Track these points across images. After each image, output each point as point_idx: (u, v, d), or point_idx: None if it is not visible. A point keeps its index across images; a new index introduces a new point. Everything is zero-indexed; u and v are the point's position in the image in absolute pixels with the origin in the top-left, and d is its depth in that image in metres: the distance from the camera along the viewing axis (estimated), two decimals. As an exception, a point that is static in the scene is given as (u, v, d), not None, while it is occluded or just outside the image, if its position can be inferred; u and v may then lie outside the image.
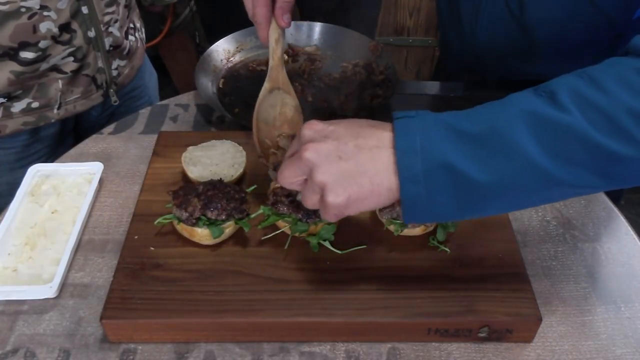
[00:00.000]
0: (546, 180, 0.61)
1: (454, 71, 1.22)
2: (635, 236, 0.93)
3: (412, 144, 0.62)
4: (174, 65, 2.59)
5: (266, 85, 0.88)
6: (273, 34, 0.85)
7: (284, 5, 0.83)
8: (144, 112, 1.19)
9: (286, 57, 1.30)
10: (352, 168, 0.64)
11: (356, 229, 0.88)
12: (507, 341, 0.78)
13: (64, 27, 1.08)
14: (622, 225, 0.95)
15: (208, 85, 1.21)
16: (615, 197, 1.00)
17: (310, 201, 0.67)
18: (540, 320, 0.76)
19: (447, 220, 0.66)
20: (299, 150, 0.66)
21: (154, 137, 1.06)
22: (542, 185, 0.62)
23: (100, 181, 1.00)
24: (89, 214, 0.95)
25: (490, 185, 0.61)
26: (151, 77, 1.46)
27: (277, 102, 0.87)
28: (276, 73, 0.87)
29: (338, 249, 0.84)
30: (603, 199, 0.98)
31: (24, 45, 1.04)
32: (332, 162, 0.64)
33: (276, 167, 0.83)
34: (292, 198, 0.84)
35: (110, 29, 1.17)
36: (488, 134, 0.61)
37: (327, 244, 0.85)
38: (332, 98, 1.17)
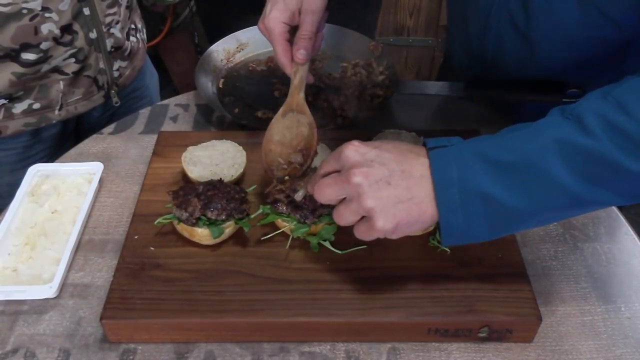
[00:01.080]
0: (575, 201, 0.65)
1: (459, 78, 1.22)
2: (635, 236, 0.93)
3: (448, 175, 0.65)
4: (174, 65, 2.59)
5: (280, 110, 0.90)
6: (293, 66, 0.89)
7: (299, 42, 0.86)
8: (144, 112, 1.19)
9: None
10: (401, 195, 0.66)
11: (356, 229, 0.88)
12: (507, 341, 0.78)
13: (66, 29, 1.08)
14: (622, 225, 0.95)
15: (208, 85, 1.21)
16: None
17: (346, 220, 0.70)
18: (540, 320, 0.76)
19: (481, 241, 0.70)
20: (344, 172, 0.68)
21: (154, 137, 1.06)
22: (570, 206, 0.66)
23: (100, 181, 1.00)
24: (89, 214, 0.95)
25: (523, 210, 0.65)
26: (152, 78, 1.46)
27: (292, 124, 0.89)
28: (291, 99, 0.90)
29: (338, 249, 0.84)
30: (603, 199, 0.98)
31: (26, 47, 1.04)
32: (382, 188, 0.66)
33: (281, 180, 0.85)
34: (291, 199, 0.84)
35: (112, 30, 1.17)
36: (521, 162, 0.64)
37: (327, 244, 0.85)
38: (332, 98, 1.17)
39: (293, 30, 0.89)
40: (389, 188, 0.66)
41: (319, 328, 0.78)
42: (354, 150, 0.69)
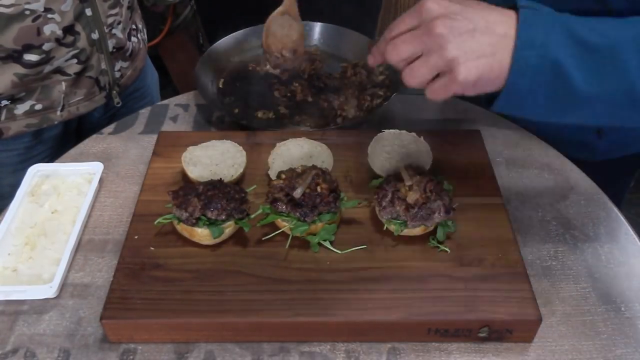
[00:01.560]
0: (631, 102, 0.68)
1: None
2: (635, 236, 0.93)
3: (533, 37, 0.65)
4: (174, 65, 2.59)
5: (280, 9, 1.11)
6: None
7: None
8: (144, 112, 1.19)
9: None
10: (484, 50, 0.65)
11: (356, 229, 0.88)
12: (507, 341, 0.78)
13: (68, 30, 1.08)
14: (622, 225, 0.95)
15: (208, 85, 1.21)
16: (617, 200, 1.02)
17: (420, 78, 0.68)
18: (540, 320, 0.76)
19: (529, 116, 0.72)
20: (425, 24, 0.66)
21: (154, 137, 1.06)
22: (629, 106, 0.69)
23: (100, 181, 1.00)
24: (89, 214, 0.95)
25: (588, 95, 0.67)
26: (153, 78, 1.46)
27: (285, 24, 1.11)
28: (289, 2, 1.11)
29: (338, 249, 0.84)
30: (603, 199, 0.98)
31: (28, 48, 1.04)
32: (467, 39, 0.65)
33: (274, 66, 1.12)
34: (290, 197, 0.84)
35: (114, 31, 1.18)
36: (604, 48, 0.66)
37: (327, 244, 0.85)
38: (332, 98, 1.17)
39: None
40: (473, 41, 0.65)
41: (319, 328, 0.78)
42: (436, 3, 0.67)
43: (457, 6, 0.67)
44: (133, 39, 1.28)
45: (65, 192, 0.97)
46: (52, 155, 1.23)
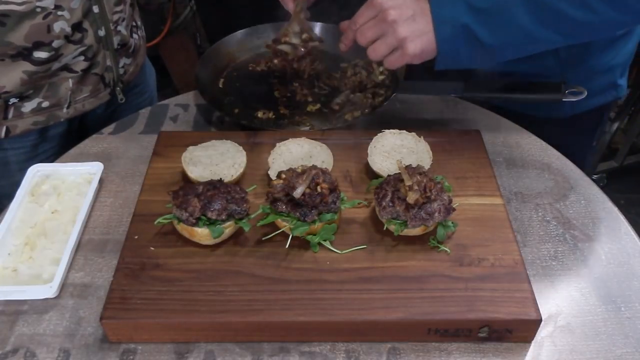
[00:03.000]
0: (532, 40, 0.89)
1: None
2: (635, 236, 0.93)
3: (443, 15, 0.89)
4: (174, 65, 2.59)
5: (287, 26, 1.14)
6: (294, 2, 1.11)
7: None
8: (144, 112, 1.19)
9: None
10: (423, 28, 0.89)
11: (356, 229, 0.88)
12: (507, 341, 0.78)
13: (76, 27, 1.09)
14: (622, 225, 0.95)
15: (208, 85, 1.21)
16: (584, 157, 1.24)
17: (381, 53, 0.93)
18: (540, 320, 0.76)
19: (462, 67, 0.94)
20: (381, 14, 0.90)
21: (154, 137, 1.06)
22: (529, 44, 0.91)
23: (100, 181, 1.00)
24: (89, 214, 0.95)
25: (496, 44, 0.90)
26: (151, 74, 1.47)
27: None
28: (293, 21, 1.12)
29: (338, 249, 0.84)
30: (603, 199, 0.98)
31: (38, 45, 1.05)
32: (410, 23, 0.89)
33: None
34: (290, 197, 0.84)
35: (119, 28, 1.19)
36: (493, 8, 0.87)
37: (327, 244, 0.85)
38: (331, 98, 1.17)
39: None
40: (415, 23, 0.89)
41: (319, 328, 0.78)
42: None
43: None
44: (134, 35, 1.29)
45: (65, 192, 0.97)
46: (58, 153, 1.23)
